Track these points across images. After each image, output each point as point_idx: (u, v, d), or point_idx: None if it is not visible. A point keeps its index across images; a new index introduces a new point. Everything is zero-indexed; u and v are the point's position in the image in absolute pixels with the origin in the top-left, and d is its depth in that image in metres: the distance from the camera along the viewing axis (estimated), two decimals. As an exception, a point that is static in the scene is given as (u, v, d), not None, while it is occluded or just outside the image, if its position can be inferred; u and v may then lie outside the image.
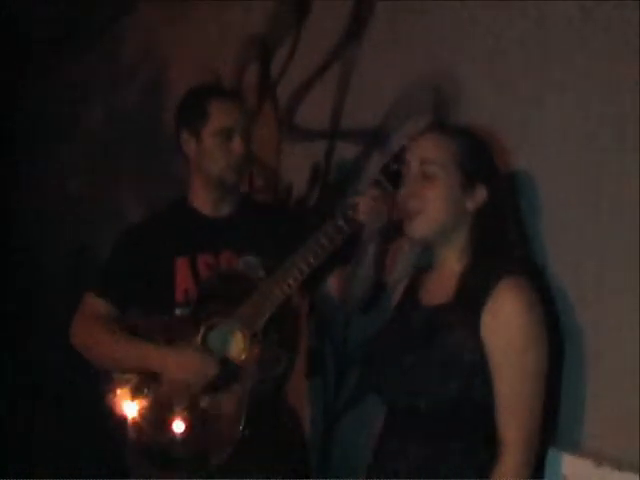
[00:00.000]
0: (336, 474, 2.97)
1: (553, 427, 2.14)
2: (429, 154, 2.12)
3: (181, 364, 2.47)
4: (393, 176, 2.30)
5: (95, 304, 2.63)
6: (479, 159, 2.13)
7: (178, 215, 2.70)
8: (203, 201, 2.68)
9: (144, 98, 4.68)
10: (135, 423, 2.57)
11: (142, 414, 2.57)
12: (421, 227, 2.13)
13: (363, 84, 2.98)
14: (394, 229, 2.33)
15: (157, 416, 2.54)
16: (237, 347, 2.48)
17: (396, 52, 2.80)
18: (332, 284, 2.63)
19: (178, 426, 2.50)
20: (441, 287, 2.17)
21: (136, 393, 2.59)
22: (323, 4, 3.17)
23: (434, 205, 2.10)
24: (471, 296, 2.08)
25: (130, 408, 2.59)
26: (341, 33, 3.04)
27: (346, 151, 3.03)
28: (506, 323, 2.03)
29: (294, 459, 2.72)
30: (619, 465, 2.02)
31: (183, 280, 2.59)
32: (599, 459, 2.06)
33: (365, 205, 2.38)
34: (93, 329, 2.60)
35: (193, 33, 4.13)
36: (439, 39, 2.61)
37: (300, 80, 3.27)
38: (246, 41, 3.65)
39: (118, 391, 2.61)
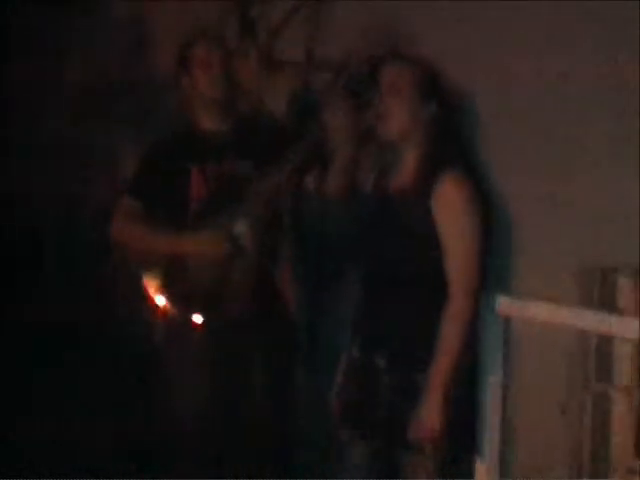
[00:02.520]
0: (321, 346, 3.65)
1: (487, 277, 2.87)
2: (395, 77, 2.83)
3: (199, 244, 3.18)
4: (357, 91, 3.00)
5: (129, 204, 3.31)
6: (430, 81, 2.85)
7: (188, 133, 3.38)
8: (205, 120, 3.35)
9: (129, 50, 5.12)
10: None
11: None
12: (392, 129, 2.84)
13: (331, 22, 3.64)
14: (363, 135, 3.06)
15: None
16: (240, 229, 3.18)
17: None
18: (309, 182, 3.33)
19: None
20: (402, 178, 2.89)
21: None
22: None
23: (400, 113, 2.82)
24: (424, 183, 2.80)
25: (160, 300, 3.30)
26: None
27: (318, 78, 3.70)
28: (449, 203, 2.77)
29: (284, 331, 3.43)
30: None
31: (195, 183, 3.26)
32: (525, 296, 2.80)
33: (333, 115, 3.08)
34: (128, 225, 3.30)
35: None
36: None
37: (276, 20, 3.91)
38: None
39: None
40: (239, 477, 3.27)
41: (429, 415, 2.71)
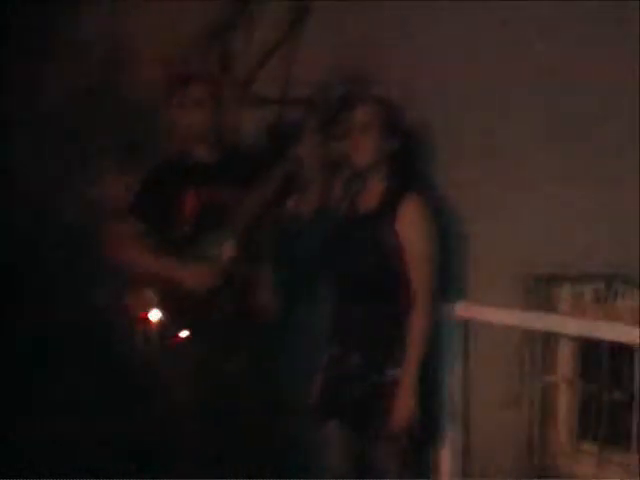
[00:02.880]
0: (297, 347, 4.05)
1: (446, 286, 3.30)
2: (364, 116, 3.27)
3: (192, 275, 3.56)
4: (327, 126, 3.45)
5: (125, 225, 3.69)
6: (393, 119, 3.30)
7: (182, 163, 3.77)
8: (196, 151, 3.76)
9: (104, 73, 5.26)
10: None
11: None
12: (362, 161, 3.29)
13: (304, 62, 4.07)
14: (333, 166, 3.50)
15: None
16: (228, 250, 3.58)
17: (329, 38, 3.89)
18: (290, 206, 3.75)
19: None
20: (369, 201, 3.32)
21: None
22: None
23: (369, 148, 3.27)
24: (388, 206, 3.24)
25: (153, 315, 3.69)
26: (286, 23, 4.13)
27: (291, 113, 4.13)
28: (411, 222, 3.21)
29: (265, 334, 3.82)
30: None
31: (189, 205, 3.63)
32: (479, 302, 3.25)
33: (307, 147, 3.53)
34: (126, 245, 3.68)
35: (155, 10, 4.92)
36: (360, 32, 3.72)
37: (255, 58, 4.33)
38: (206, 26, 4.67)
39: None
40: (238, 477, 3.61)
41: (403, 408, 3.13)
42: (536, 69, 3.15)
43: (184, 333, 3.64)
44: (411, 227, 3.20)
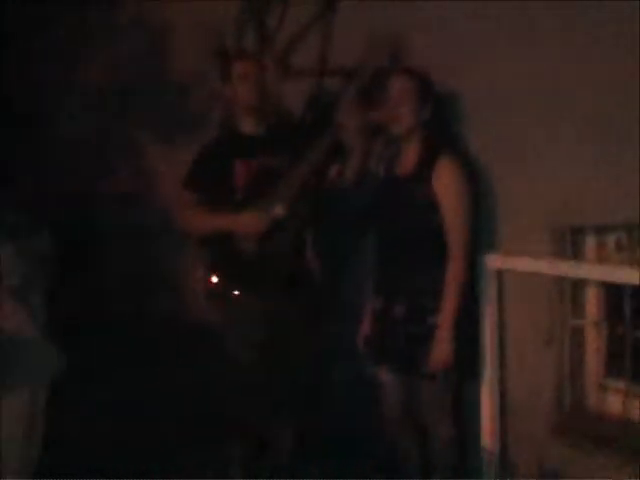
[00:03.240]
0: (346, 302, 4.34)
1: (480, 239, 3.58)
2: (403, 85, 3.54)
3: (244, 222, 3.89)
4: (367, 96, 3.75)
5: (185, 194, 4.04)
6: (426, 88, 3.58)
7: (231, 136, 4.09)
8: (244, 124, 4.05)
9: (148, 47, 5.65)
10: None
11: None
12: (402, 127, 3.56)
13: (341, 35, 4.33)
14: (374, 131, 3.78)
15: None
16: (277, 211, 3.88)
17: (365, 12, 4.15)
18: (333, 171, 4.03)
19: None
20: (406, 164, 3.61)
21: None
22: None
23: (408, 113, 3.54)
24: (425, 167, 3.53)
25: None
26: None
27: (330, 83, 4.40)
28: (446, 181, 3.48)
29: (313, 292, 4.13)
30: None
31: (239, 175, 3.95)
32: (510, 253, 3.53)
33: (348, 116, 3.82)
34: (187, 211, 4.03)
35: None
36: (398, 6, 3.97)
37: (292, 32, 4.61)
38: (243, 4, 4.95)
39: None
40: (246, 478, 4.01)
41: (442, 349, 3.44)
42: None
43: (236, 291, 3.97)
44: (447, 187, 3.47)
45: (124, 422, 4.60)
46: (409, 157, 3.61)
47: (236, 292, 3.97)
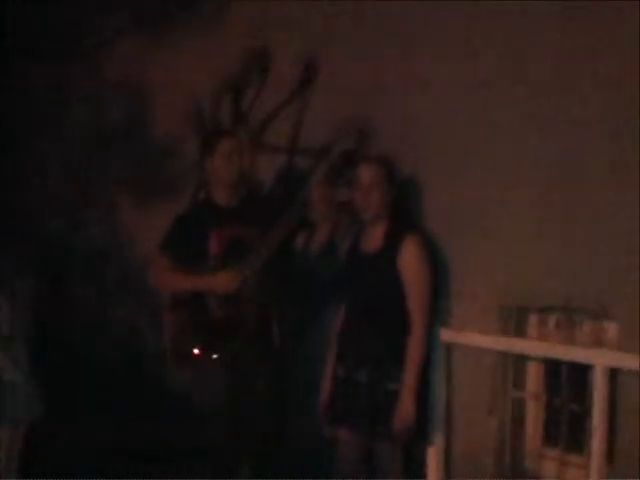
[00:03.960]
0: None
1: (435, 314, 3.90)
2: (373, 173, 3.85)
3: (217, 281, 4.16)
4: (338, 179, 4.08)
5: (160, 259, 4.31)
6: (393, 174, 3.90)
7: (207, 206, 4.38)
8: (219, 196, 4.33)
9: (128, 113, 5.84)
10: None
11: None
12: (371, 213, 3.87)
13: (313, 116, 4.66)
14: (340, 209, 4.11)
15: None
16: (247, 274, 4.16)
17: (334, 97, 4.49)
18: (299, 243, 4.34)
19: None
20: (373, 242, 3.92)
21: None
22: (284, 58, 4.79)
23: (376, 201, 3.86)
24: (391, 246, 3.83)
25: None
26: (297, 80, 4.71)
27: (301, 161, 4.72)
28: (410, 259, 3.80)
29: (277, 357, 4.40)
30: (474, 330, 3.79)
31: (214, 244, 4.23)
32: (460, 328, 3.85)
33: (316, 193, 4.14)
34: (161, 273, 4.32)
35: (173, 62, 5.48)
36: (364, 90, 4.30)
37: (265, 112, 4.92)
38: (220, 81, 5.24)
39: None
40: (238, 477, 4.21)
41: (406, 409, 3.71)
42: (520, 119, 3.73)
43: (212, 355, 4.22)
44: (411, 265, 3.78)
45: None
46: (375, 236, 3.91)
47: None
